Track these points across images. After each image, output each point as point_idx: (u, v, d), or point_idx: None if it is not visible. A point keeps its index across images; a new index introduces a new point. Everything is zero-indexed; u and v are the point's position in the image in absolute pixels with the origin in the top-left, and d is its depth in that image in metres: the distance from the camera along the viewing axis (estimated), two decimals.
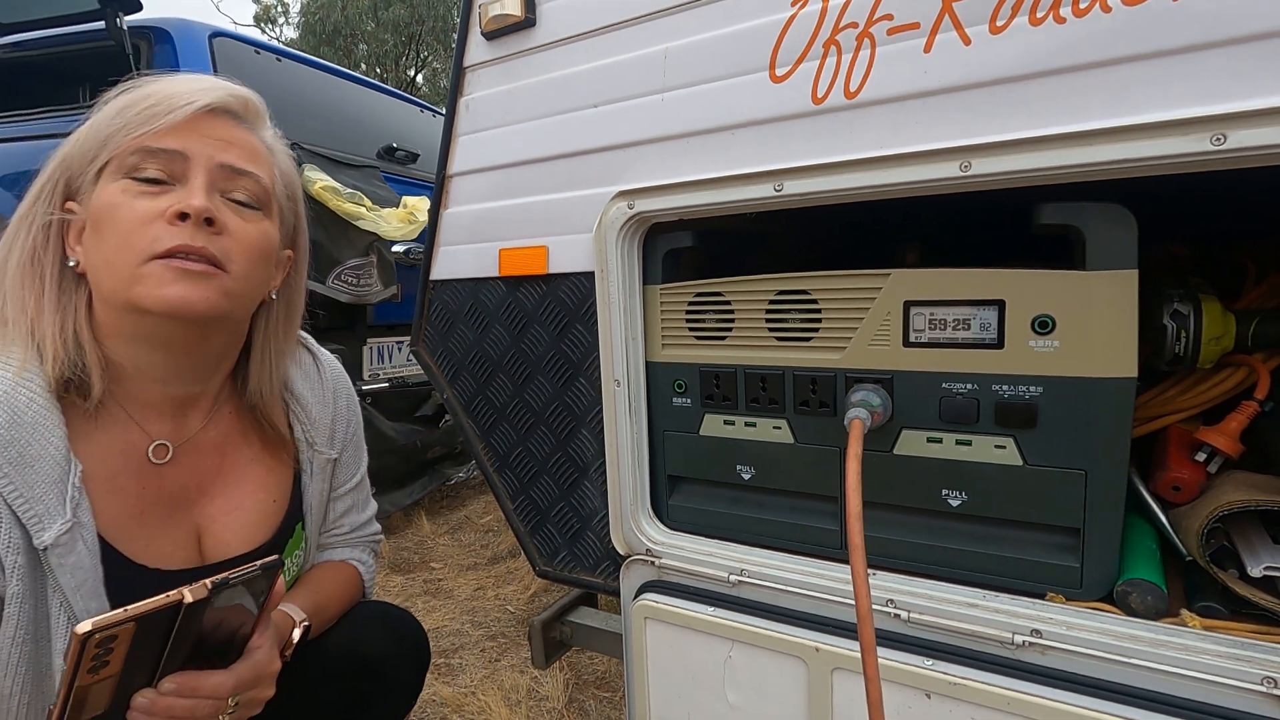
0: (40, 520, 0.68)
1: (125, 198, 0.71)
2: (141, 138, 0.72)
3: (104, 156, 0.73)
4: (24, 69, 2.63)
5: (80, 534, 0.70)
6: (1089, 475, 0.77)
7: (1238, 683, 0.68)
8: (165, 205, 0.71)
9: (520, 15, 1.05)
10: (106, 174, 0.73)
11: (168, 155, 0.72)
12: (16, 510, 0.67)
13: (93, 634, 0.57)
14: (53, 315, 0.73)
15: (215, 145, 0.75)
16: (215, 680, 0.68)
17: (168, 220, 0.71)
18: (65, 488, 0.69)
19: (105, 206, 0.71)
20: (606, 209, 0.99)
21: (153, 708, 0.65)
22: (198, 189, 0.73)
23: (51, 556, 0.68)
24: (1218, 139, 0.64)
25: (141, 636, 0.61)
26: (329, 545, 1.03)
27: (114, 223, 0.71)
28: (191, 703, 0.67)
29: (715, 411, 1.00)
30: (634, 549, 1.06)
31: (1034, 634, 0.77)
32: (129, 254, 0.70)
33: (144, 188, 0.72)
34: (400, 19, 13.95)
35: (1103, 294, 0.74)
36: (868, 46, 0.80)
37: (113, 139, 0.72)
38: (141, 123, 0.72)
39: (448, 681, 1.85)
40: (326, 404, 0.97)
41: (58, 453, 0.69)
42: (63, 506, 0.69)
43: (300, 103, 2.81)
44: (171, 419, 0.81)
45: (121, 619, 0.59)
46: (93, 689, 0.62)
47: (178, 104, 0.73)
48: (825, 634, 0.87)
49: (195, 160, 0.73)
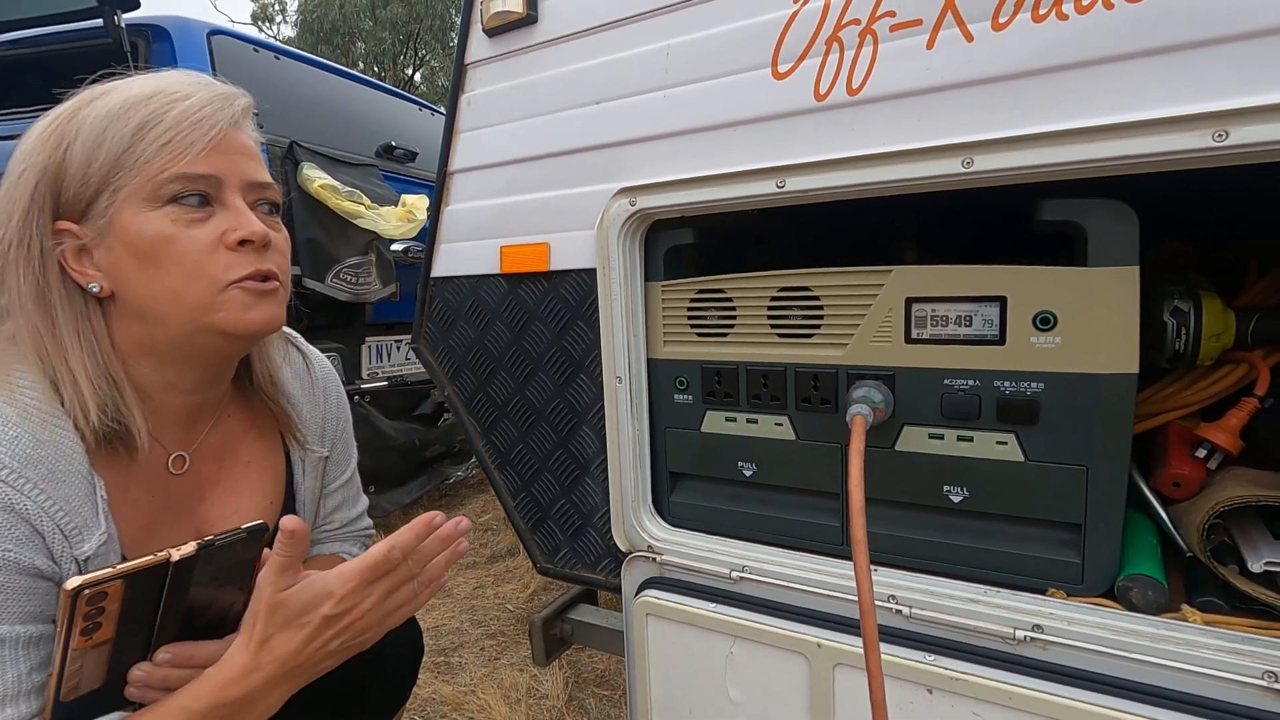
0: (80, 532, 0.68)
1: (178, 228, 0.70)
2: (175, 164, 0.70)
3: (124, 181, 0.69)
4: (21, 67, 2.62)
5: (112, 545, 0.71)
6: (1090, 471, 0.77)
7: (1238, 677, 0.68)
8: (219, 230, 0.72)
9: (522, 12, 1.05)
10: (135, 199, 0.70)
11: (205, 180, 0.72)
12: (59, 523, 0.67)
13: (82, 589, 0.58)
14: (79, 353, 0.70)
15: (239, 161, 0.75)
16: (210, 649, 0.69)
17: (229, 246, 0.72)
18: (95, 501, 0.70)
19: (158, 238, 0.70)
20: (608, 206, 0.99)
21: (149, 679, 0.66)
22: (245, 212, 0.74)
23: (90, 568, 0.69)
24: (1219, 135, 0.64)
25: (132, 597, 0.62)
26: (320, 541, 1.03)
27: (176, 254, 0.70)
28: (187, 673, 0.67)
29: (717, 408, 1.00)
30: (635, 545, 1.06)
31: (1035, 629, 0.77)
32: (203, 283, 0.71)
33: (191, 214, 0.71)
34: (398, 17, 13.93)
35: (1104, 290, 0.74)
36: (870, 43, 0.80)
37: (136, 164, 0.69)
38: (169, 148, 0.70)
39: (447, 680, 1.85)
40: (317, 403, 0.98)
41: (82, 468, 0.69)
42: (98, 518, 0.70)
43: (299, 101, 2.80)
44: (184, 428, 0.82)
45: (110, 575, 0.60)
46: (87, 657, 0.62)
47: (202, 124, 0.72)
48: (827, 630, 0.87)
49: (228, 181, 0.74)
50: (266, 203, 0.79)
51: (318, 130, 2.72)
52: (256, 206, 0.77)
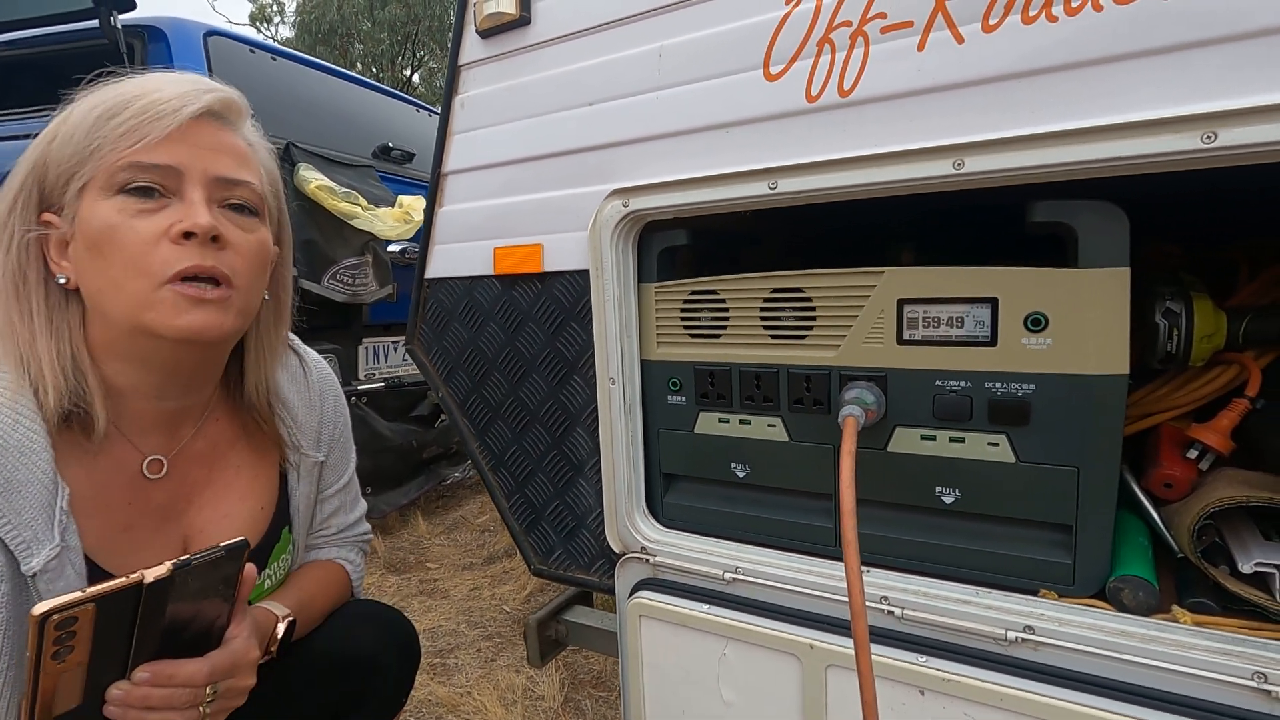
0: (29, 546, 0.67)
1: (124, 218, 0.69)
2: (130, 153, 0.69)
3: (87, 171, 0.69)
4: (17, 67, 2.61)
5: (69, 558, 0.70)
6: (1081, 472, 0.77)
7: (1228, 678, 0.68)
8: (167, 223, 0.69)
9: (515, 13, 1.05)
10: (93, 188, 0.70)
11: (160, 170, 0.70)
12: (4, 537, 0.66)
13: (50, 615, 0.57)
14: (46, 340, 0.70)
15: (206, 155, 0.73)
16: (190, 669, 0.67)
17: (173, 239, 0.69)
18: (53, 512, 0.68)
19: (104, 227, 0.69)
20: (601, 207, 0.99)
21: (128, 698, 0.65)
22: (198, 204, 0.71)
23: (40, 582, 0.67)
24: (1208, 137, 0.64)
25: (104, 620, 0.61)
26: (316, 545, 1.02)
27: (117, 245, 0.69)
28: (167, 692, 0.66)
29: (710, 409, 1.00)
30: (629, 547, 1.06)
31: (1027, 630, 0.77)
32: (139, 278, 0.69)
33: (141, 204, 0.69)
34: (396, 18, 13.93)
35: (1095, 292, 0.74)
36: (861, 45, 0.81)
37: (96, 153, 0.69)
38: (127, 136, 0.69)
39: (443, 681, 1.85)
40: (313, 407, 0.96)
41: (45, 476, 0.68)
42: (50, 531, 0.68)
43: (296, 102, 2.80)
44: (163, 433, 0.80)
45: (80, 599, 0.58)
46: (62, 679, 0.61)
47: (163, 115, 0.70)
48: (819, 631, 0.87)
49: (189, 174, 0.71)
50: (238, 201, 0.76)
51: (314, 131, 2.72)
52: (224, 204, 0.74)
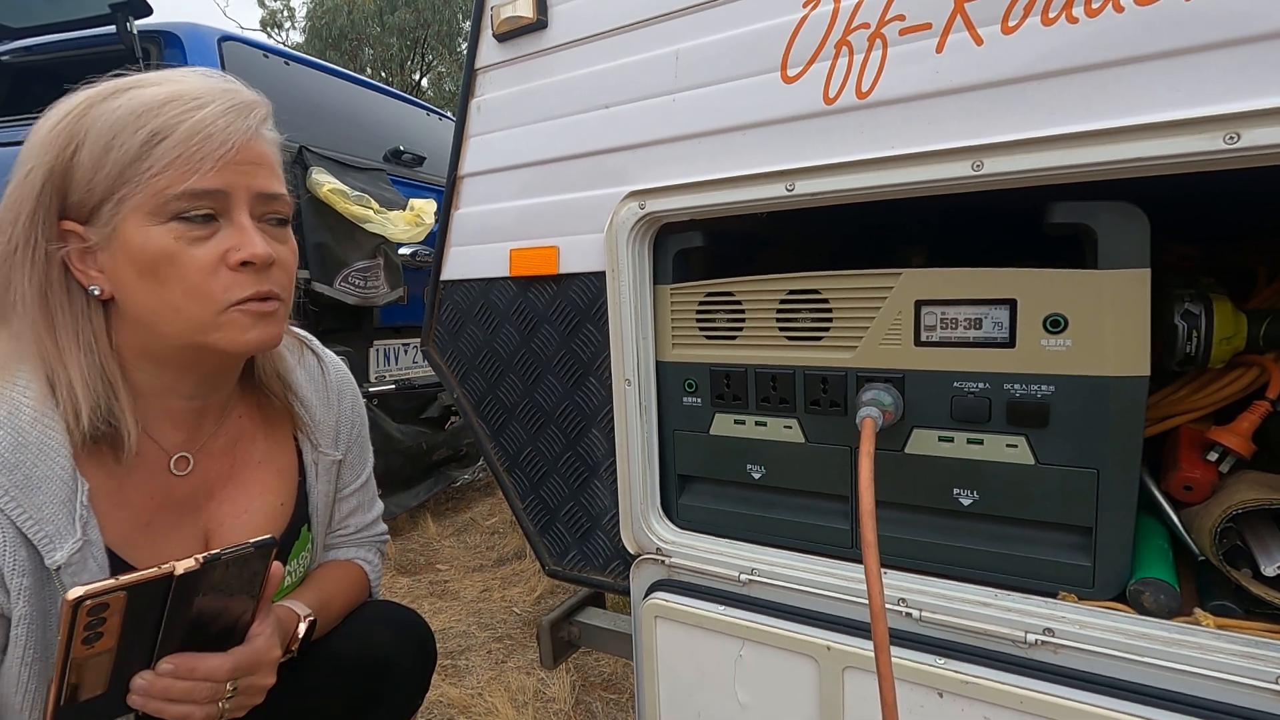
0: (51, 540, 0.68)
1: (181, 245, 0.69)
2: (185, 181, 0.68)
3: (130, 191, 0.68)
4: (34, 73, 2.64)
5: (90, 551, 0.71)
6: (1101, 474, 0.77)
7: (1251, 681, 0.68)
8: (221, 249, 0.71)
9: (532, 17, 1.05)
10: (140, 211, 0.68)
11: (212, 196, 0.70)
12: (26, 532, 0.67)
13: (84, 600, 0.58)
14: (75, 352, 0.70)
15: (248, 173, 0.73)
16: (213, 663, 0.69)
17: (231, 268, 0.71)
18: (74, 507, 0.69)
19: (160, 254, 0.69)
20: (617, 209, 1.00)
21: (150, 688, 0.66)
22: (249, 230, 0.72)
23: (64, 576, 0.69)
24: (1230, 138, 0.64)
25: (134, 608, 0.62)
26: (335, 545, 1.03)
27: (176, 272, 0.69)
28: (189, 684, 0.67)
29: (726, 411, 1.00)
30: (644, 548, 1.06)
31: (1046, 633, 0.77)
32: (203, 302, 0.70)
33: (195, 231, 0.70)
34: (406, 23, 14.01)
35: (1115, 293, 0.74)
36: (879, 47, 0.81)
37: (145, 174, 0.68)
38: (179, 164, 0.68)
39: (455, 683, 1.85)
40: (331, 406, 0.98)
41: (64, 472, 0.69)
42: (72, 525, 0.69)
43: (308, 106, 2.82)
44: (188, 429, 0.82)
45: (113, 586, 0.60)
46: (89, 664, 0.62)
47: (217, 142, 0.69)
48: (837, 633, 0.87)
49: (235, 194, 0.72)
50: (275, 215, 0.77)
51: (327, 135, 2.74)
52: (264, 220, 0.76)
